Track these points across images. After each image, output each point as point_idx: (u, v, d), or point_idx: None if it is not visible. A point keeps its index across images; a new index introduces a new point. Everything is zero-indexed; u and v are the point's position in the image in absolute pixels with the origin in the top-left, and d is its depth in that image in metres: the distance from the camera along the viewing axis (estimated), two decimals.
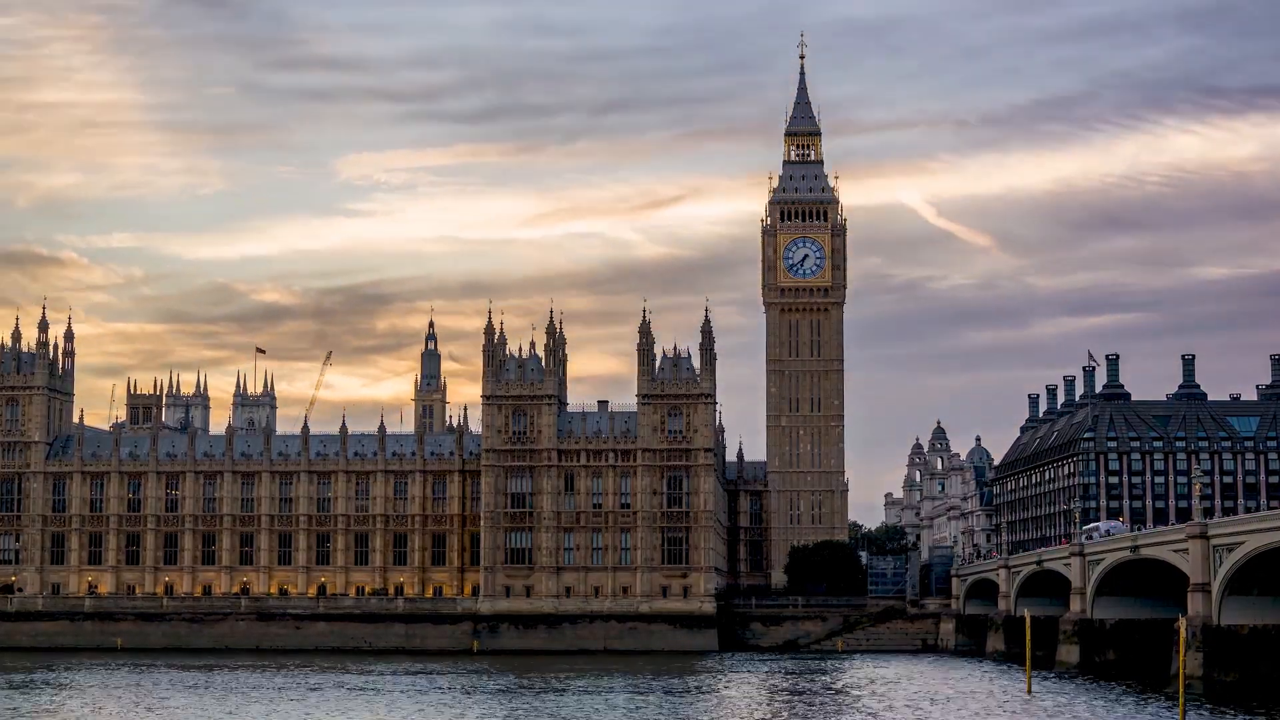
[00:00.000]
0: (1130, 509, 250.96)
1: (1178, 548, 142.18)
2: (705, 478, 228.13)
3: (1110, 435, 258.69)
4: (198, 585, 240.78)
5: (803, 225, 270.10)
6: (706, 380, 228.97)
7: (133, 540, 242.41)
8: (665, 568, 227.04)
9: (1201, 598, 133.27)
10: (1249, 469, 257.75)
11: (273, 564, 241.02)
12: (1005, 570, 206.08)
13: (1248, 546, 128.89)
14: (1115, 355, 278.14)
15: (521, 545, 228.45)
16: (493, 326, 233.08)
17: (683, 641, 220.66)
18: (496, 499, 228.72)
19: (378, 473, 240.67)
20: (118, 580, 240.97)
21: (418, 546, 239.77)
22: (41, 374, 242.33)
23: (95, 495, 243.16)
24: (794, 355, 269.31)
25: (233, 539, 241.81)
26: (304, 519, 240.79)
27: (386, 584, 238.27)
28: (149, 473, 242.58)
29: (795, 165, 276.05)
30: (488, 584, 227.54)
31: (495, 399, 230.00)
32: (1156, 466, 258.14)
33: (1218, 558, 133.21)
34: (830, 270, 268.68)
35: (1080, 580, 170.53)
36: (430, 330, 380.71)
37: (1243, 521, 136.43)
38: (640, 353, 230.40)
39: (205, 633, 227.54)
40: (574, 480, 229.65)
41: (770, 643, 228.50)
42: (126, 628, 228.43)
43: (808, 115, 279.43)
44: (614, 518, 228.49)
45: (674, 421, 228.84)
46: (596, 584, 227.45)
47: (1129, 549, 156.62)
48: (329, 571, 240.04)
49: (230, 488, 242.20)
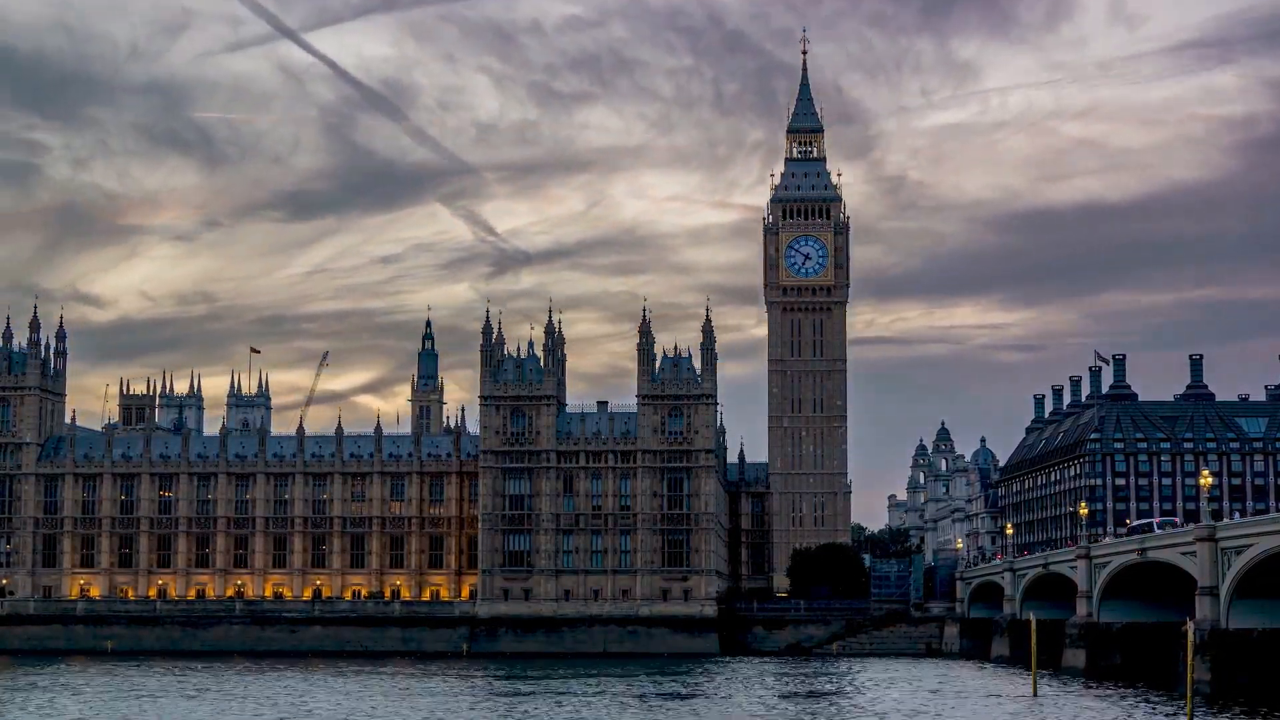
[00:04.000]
0: (1137, 511, 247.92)
1: (1185, 550, 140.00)
2: (706, 479, 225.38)
3: (1117, 436, 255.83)
4: (191, 588, 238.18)
5: (805, 223, 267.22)
6: (707, 380, 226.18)
7: (126, 543, 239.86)
8: (666, 570, 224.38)
9: (1209, 601, 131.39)
10: (1258, 470, 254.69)
11: (268, 567, 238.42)
12: (1010, 573, 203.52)
13: (1257, 549, 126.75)
14: (1122, 355, 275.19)
15: (520, 548, 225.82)
16: (490, 325, 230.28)
17: (683, 645, 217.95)
18: (494, 501, 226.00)
19: (374, 474, 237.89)
20: (110, 583, 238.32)
21: (415, 549, 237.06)
22: (34, 374, 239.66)
23: (88, 497, 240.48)
24: (796, 355, 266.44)
25: (227, 542, 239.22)
26: (299, 521, 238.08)
27: (383, 587, 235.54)
28: (142, 474, 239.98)
29: (797, 163, 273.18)
30: (485, 587, 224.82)
31: (493, 399, 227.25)
32: (1164, 468, 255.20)
33: (1226, 560, 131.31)
34: (833, 269, 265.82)
35: (1086, 583, 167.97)
36: (427, 330, 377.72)
37: (1251, 524, 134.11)
38: (640, 352, 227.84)
39: (199, 637, 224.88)
40: (573, 482, 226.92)
41: (772, 646, 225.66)
42: (119, 631, 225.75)
43: (810, 112, 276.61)
44: (614, 520, 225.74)
45: (674, 422, 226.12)
46: (596, 587, 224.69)
47: (1136, 551, 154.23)
48: (325, 574, 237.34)
49: (225, 490, 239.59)
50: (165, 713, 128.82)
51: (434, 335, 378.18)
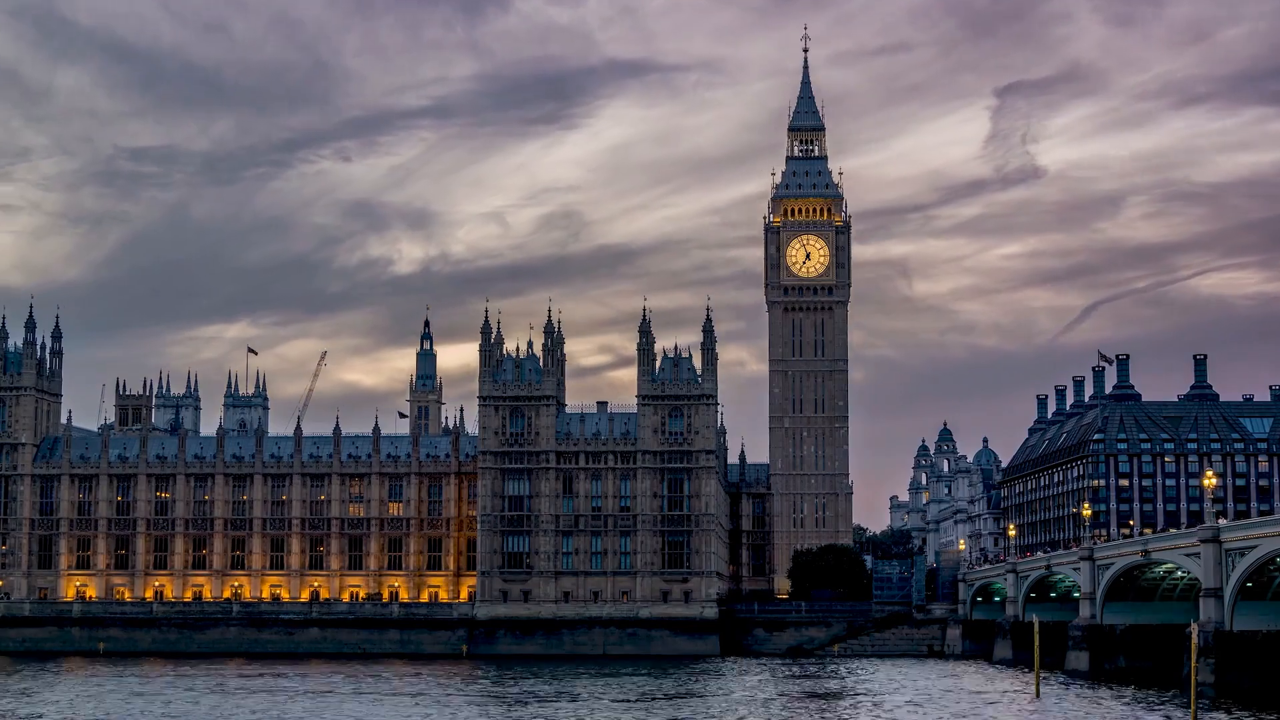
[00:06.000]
0: (1140, 512, 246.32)
1: (1189, 552, 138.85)
2: (707, 480, 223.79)
3: (1120, 437, 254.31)
4: (188, 590, 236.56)
5: (806, 222, 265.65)
6: (708, 381, 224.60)
7: (122, 544, 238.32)
8: (666, 572, 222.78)
9: (1213, 603, 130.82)
10: (1262, 471, 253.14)
11: (265, 568, 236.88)
12: (1013, 575, 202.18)
13: (1261, 550, 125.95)
14: (1125, 355, 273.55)
15: (519, 549, 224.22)
16: (489, 325, 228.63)
17: (684, 647, 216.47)
18: (493, 502, 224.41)
19: (372, 475, 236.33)
20: (107, 585, 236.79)
21: (413, 550, 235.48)
22: (29, 374, 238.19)
23: (84, 498, 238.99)
24: (797, 355, 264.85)
25: (224, 543, 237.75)
26: (297, 522, 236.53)
27: (381, 588, 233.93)
28: (139, 475, 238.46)
29: (799, 161, 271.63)
30: (484, 589, 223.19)
31: (492, 400, 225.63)
32: (1167, 469, 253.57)
33: (1230, 562, 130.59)
34: (834, 268, 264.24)
35: (1090, 585, 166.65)
36: (425, 329, 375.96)
37: (1256, 525, 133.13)
38: (640, 352, 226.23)
39: (196, 639, 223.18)
40: (573, 483, 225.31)
41: (773, 649, 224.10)
42: (115, 634, 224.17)
43: (811, 110, 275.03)
44: (614, 521, 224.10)
45: (675, 423, 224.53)
46: (596, 589, 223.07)
47: (1140, 553, 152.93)
48: (323, 576, 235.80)
49: (221, 490, 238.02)
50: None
51: (432, 335, 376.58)
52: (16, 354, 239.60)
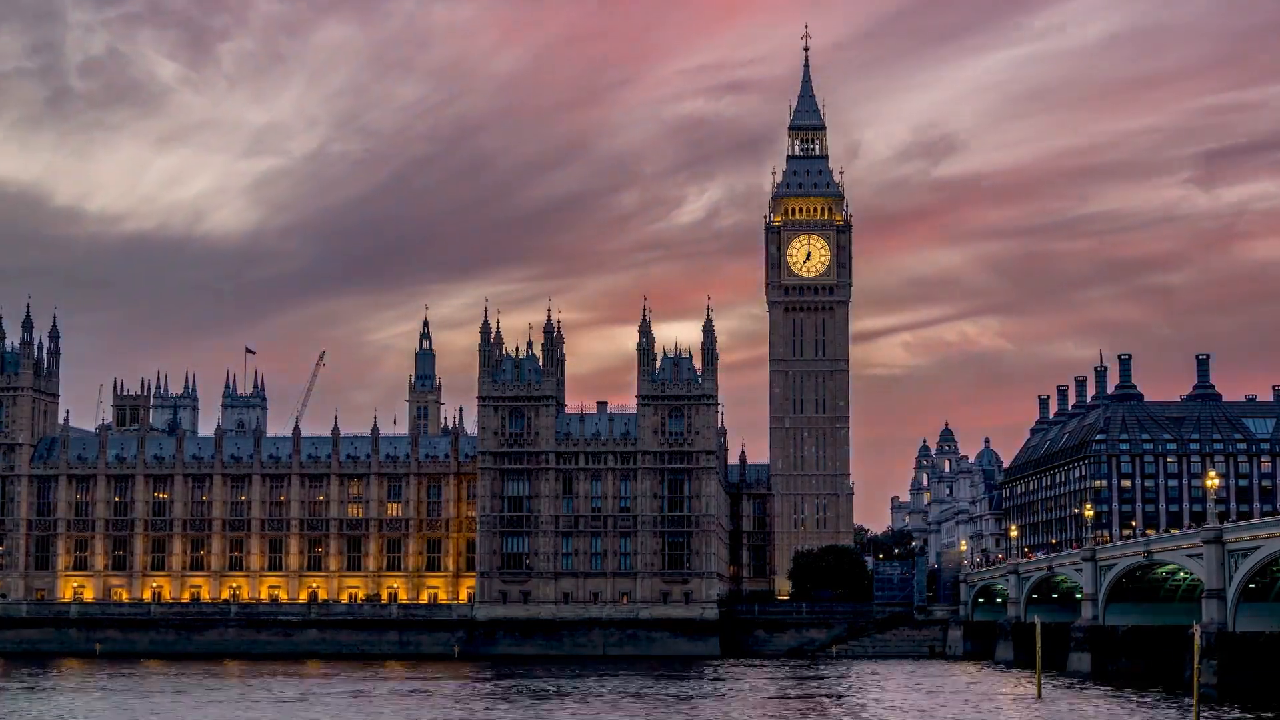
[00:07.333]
0: (1143, 513, 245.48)
1: (1192, 553, 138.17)
2: (707, 481, 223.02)
3: (1122, 437, 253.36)
4: (186, 591, 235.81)
5: (807, 222, 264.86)
6: (708, 381, 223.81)
7: (120, 545, 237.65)
8: (666, 573, 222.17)
9: (1216, 604, 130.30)
10: (1265, 472, 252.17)
11: (263, 569, 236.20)
12: (1014, 576, 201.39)
13: (1264, 551, 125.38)
14: (1128, 355, 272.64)
15: (518, 550, 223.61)
16: (489, 325, 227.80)
17: (684, 648, 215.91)
18: (493, 503, 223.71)
19: (371, 475, 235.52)
20: (104, 586, 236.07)
21: (412, 551, 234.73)
22: (27, 374, 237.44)
23: (81, 499, 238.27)
24: (798, 355, 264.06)
25: (222, 544, 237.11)
26: (295, 523, 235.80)
27: (380, 590, 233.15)
28: (136, 476, 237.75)
29: (799, 160, 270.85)
30: (484, 590, 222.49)
31: (491, 400, 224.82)
32: (1170, 469, 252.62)
33: (1233, 563, 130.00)
34: (835, 267, 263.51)
35: (1092, 586, 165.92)
36: (424, 329, 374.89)
37: (1259, 526, 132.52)
38: (640, 353, 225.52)
39: (194, 640, 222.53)
40: (573, 483, 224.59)
41: (774, 650, 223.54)
42: (113, 635, 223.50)
43: (812, 109, 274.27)
44: (614, 522, 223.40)
45: (675, 423, 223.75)
46: (595, 590, 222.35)
47: (1142, 554, 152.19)
48: (321, 577, 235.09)
49: (220, 491, 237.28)
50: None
51: (431, 335, 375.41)
52: (14, 354, 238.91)
